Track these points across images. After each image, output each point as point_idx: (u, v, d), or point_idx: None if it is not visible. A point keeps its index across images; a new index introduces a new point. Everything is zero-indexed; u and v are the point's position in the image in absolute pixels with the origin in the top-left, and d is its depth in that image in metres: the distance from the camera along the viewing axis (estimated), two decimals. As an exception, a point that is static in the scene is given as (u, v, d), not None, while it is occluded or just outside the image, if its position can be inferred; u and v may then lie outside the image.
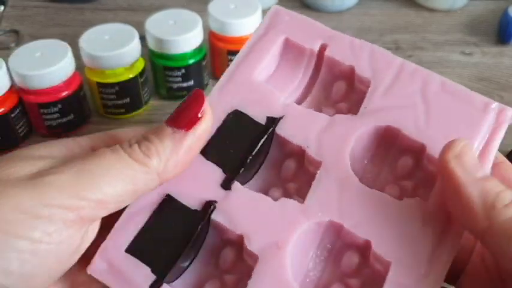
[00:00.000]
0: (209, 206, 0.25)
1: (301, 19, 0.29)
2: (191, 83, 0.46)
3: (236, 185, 0.25)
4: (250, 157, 0.26)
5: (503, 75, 0.50)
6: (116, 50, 0.41)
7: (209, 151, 0.26)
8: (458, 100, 0.26)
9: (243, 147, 0.26)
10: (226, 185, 0.25)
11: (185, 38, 0.43)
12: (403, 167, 0.27)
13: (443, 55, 0.52)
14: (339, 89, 0.29)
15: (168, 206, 0.25)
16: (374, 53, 0.28)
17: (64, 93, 0.41)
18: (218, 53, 0.47)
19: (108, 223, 0.24)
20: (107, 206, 0.22)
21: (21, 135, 0.43)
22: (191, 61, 0.45)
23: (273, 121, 0.26)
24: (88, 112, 0.45)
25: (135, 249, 0.24)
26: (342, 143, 0.26)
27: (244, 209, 0.25)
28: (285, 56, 0.29)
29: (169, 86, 0.46)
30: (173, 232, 0.24)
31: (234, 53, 0.46)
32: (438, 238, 0.23)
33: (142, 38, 0.44)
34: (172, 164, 0.23)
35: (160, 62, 0.45)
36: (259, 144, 0.26)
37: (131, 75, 0.43)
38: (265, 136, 0.26)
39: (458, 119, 0.26)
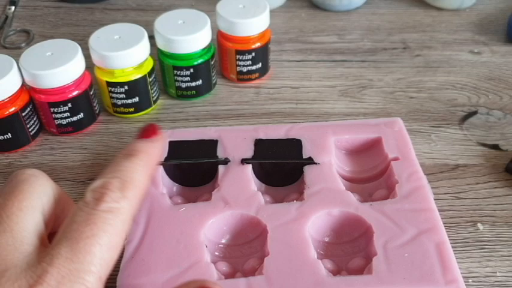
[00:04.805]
0: None
1: None
2: (200, 82, 0.46)
3: None
4: None
5: (512, 74, 0.50)
6: (125, 49, 0.42)
7: None
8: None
9: None
10: None
11: (194, 37, 0.43)
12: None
13: (452, 54, 0.52)
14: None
15: None
16: None
17: (74, 93, 0.42)
18: (226, 53, 0.47)
19: None
20: None
21: (31, 134, 0.43)
22: (200, 60, 0.45)
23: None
24: (97, 111, 0.45)
25: None
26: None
27: None
28: None
29: (178, 86, 0.46)
30: None
31: (242, 52, 0.46)
32: None
33: (151, 38, 0.44)
34: None
35: (169, 62, 0.45)
36: None
37: (140, 75, 0.43)
38: None
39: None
